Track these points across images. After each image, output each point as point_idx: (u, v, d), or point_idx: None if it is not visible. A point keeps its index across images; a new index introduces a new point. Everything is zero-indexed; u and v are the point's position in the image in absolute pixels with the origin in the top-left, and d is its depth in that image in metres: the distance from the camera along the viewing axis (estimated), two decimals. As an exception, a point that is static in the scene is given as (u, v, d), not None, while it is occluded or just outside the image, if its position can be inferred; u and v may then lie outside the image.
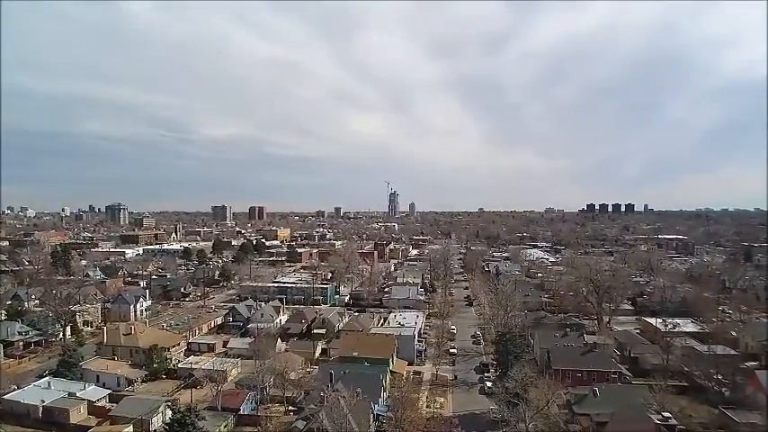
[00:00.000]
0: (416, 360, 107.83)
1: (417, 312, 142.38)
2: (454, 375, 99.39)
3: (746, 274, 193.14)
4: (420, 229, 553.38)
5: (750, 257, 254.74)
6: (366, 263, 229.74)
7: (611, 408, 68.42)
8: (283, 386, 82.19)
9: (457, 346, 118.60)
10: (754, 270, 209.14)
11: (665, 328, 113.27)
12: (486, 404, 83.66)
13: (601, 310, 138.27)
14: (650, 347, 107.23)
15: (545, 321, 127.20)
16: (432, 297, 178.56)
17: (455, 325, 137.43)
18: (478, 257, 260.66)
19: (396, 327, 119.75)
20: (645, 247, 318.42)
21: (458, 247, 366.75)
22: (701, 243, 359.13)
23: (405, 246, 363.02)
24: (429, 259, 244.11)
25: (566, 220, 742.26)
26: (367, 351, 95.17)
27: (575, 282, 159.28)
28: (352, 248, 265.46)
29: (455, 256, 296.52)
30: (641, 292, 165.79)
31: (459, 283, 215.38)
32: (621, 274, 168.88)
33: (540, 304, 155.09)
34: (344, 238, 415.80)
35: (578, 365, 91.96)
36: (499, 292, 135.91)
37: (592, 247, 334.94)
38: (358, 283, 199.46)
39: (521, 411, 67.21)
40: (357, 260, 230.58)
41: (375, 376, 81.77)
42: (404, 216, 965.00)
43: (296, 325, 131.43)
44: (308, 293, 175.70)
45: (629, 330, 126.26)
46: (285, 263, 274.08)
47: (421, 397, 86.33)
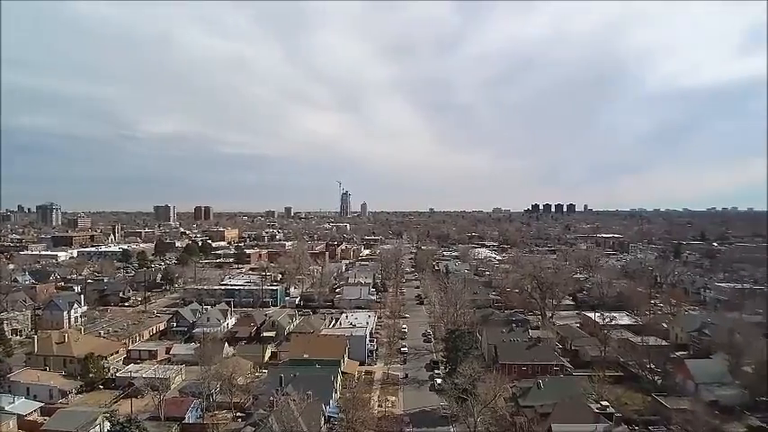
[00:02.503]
0: (368, 360, 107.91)
1: (369, 312, 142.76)
2: (405, 374, 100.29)
3: (676, 269, 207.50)
4: (372, 229, 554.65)
5: (679, 254, 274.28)
6: (317, 263, 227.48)
7: (553, 399, 71.27)
8: (231, 392, 79.80)
9: (408, 345, 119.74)
10: (683, 266, 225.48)
11: (603, 322, 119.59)
12: (436, 401, 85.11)
13: (544, 305, 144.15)
14: (589, 340, 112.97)
15: (492, 318, 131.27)
16: (383, 297, 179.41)
17: (406, 324, 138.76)
18: (429, 257, 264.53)
19: (347, 327, 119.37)
20: (585, 245, 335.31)
21: (409, 247, 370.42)
22: (635, 241, 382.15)
23: (356, 246, 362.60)
24: (381, 259, 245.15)
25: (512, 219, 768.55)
26: (318, 353, 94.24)
27: (520, 279, 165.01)
28: (302, 249, 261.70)
29: (406, 255, 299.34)
30: (581, 288, 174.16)
31: (411, 282, 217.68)
32: (563, 271, 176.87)
33: (488, 301, 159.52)
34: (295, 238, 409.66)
35: (524, 359, 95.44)
36: (449, 291, 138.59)
37: (536, 246, 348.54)
38: (309, 284, 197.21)
39: (469, 406, 68.94)
40: (308, 261, 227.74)
41: (326, 378, 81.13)
42: (355, 216, 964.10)
43: (244, 328, 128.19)
44: (257, 296, 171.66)
45: (570, 324, 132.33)
46: (233, 264, 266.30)
47: (372, 396, 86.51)
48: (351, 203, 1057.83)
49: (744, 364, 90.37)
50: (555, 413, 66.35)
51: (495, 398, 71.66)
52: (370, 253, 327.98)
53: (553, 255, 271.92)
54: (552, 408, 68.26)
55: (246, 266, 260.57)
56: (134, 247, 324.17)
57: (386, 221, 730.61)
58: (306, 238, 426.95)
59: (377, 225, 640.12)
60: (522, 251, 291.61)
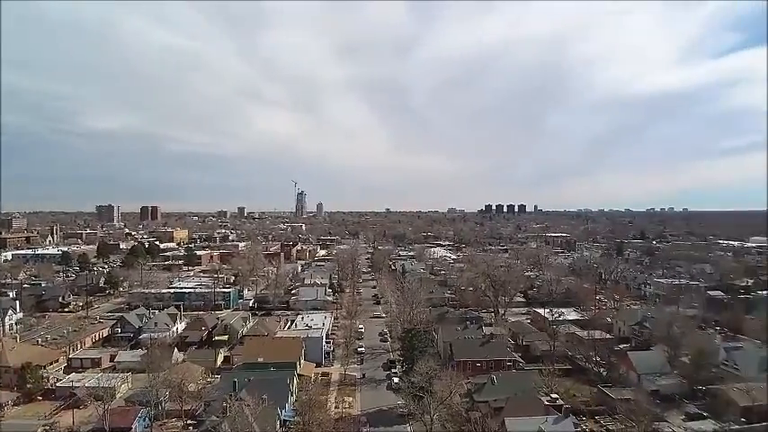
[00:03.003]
0: (325, 361, 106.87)
1: (325, 313, 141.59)
2: (362, 374, 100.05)
3: (618, 267, 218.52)
4: (328, 230, 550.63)
5: (621, 252, 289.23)
6: (272, 264, 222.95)
7: (506, 393, 73.27)
8: (181, 399, 76.71)
9: (365, 345, 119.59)
10: (625, 263, 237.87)
11: (552, 317, 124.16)
12: (393, 400, 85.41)
13: (497, 302, 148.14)
14: (540, 335, 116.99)
15: (448, 316, 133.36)
16: (340, 297, 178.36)
17: (363, 324, 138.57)
18: (386, 257, 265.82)
19: (303, 329, 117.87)
20: (535, 244, 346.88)
21: (366, 247, 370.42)
22: (581, 240, 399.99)
23: (312, 246, 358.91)
24: (337, 259, 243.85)
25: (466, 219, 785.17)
26: (273, 356, 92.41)
27: (474, 277, 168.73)
28: (256, 250, 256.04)
29: (363, 255, 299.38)
30: (532, 286, 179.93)
31: (367, 282, 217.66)
32: (515, 269, 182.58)
33: (444, 300, 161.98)
34: (249, 239, 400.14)
35: (478, 356, 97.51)
36: (405, 290, 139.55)
37: (489, 245, 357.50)
38: (263, 285, 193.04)
39: (426, 404, 69.68)
40: (262, 262, 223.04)
41: (281, 381, 79.60)
42: (311, 216, 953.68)
43: (195, 333, 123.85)
44: (208, 298, 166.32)
45: (521, 321, 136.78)
46: (183, 267, 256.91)
47: (329, 398, 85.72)
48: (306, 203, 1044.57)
49: (681, 355, 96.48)
50: (508, 407, 68.13)
51: (451, 394, 72.78)
52: (327, 253, 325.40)
53: (505, 253, 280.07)
54: (505, 402, 70.11)
55: (197, 268, 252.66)
56: (75, 249, 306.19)
57: (342, 221, 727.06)
58: (260, 238, 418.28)
59: (333, 225, 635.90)
60: (476, 250, 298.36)
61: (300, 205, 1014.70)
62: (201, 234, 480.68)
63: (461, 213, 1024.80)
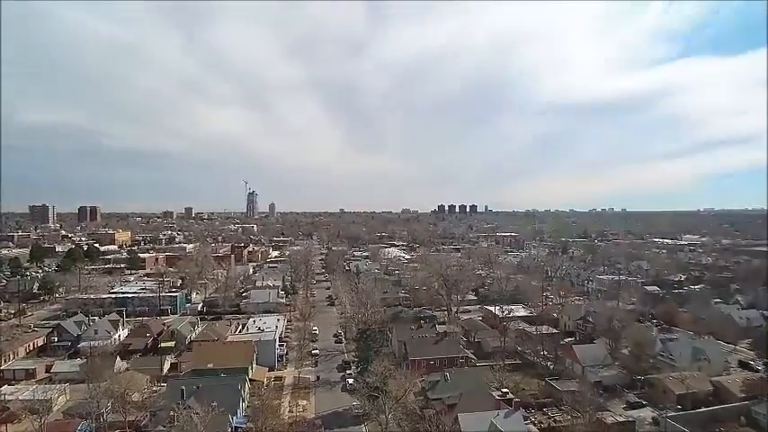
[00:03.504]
0: (278, 365, 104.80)
1: (278, 316, 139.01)
2: (317, 376, 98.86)
3: (563, 264, 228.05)
4: (280, 231, 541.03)
5: (566, 250, 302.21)
6: (222, 267, 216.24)
7: (459, 390, 74.55)
8: (124, 410, 72.74)
9: (319, 347, 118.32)
10: (569, 261, 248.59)
11: (502, 314, 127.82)
12: (348, 401, 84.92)
13: (450, 301, 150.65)
14: (491, 332, 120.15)
15: (402, 315, 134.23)
16: (293, 299, 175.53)
17: (317, 325, 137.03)
18: (340, 257, 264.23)
19: (255, 332, 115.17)
20: (485, 243, 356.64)
21: (319, 248, 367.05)
22: (529, 239, 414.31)
23: (264, 248, 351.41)
24: (290, 261, 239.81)
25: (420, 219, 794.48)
26: (223, 361, 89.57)
27: (428, 277, 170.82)
28: (205, 252, 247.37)
29: (317, 256, 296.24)
30: (483, 284, 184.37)
31: (321, 283, 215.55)
32: (467, 268, 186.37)
33: (398, 299, 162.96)
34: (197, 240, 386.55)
35: (432, 354, 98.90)
36: (360, 291, 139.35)
37: (442, 245, 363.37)
38: (213, 288, 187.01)
39: (381, 403, 69.77)
40: (212, 264, 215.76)
41: (233, 387, 77.24)
42: (263, 217, 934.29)
43: (139, 340, 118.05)
44: (153, 303, 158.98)
45: (473, 318, 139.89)
46: (125, 270, 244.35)
47: (283, 402, 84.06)
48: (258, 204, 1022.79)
49: (621, 347, 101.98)
50: (461, 403, 69.38)
51: (406, 393, 73.33)
52: (279, 255, 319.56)
53: (458, 253, 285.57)
54: (458, 398, 71.35)
55: (141, 272, 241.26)
56: (5, 252, 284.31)
57: (295, 222, 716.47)
58: (209, 240, 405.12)
59: (286, 226, 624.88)
60: (429, 250, 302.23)
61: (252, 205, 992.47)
62: (146, 236, 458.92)
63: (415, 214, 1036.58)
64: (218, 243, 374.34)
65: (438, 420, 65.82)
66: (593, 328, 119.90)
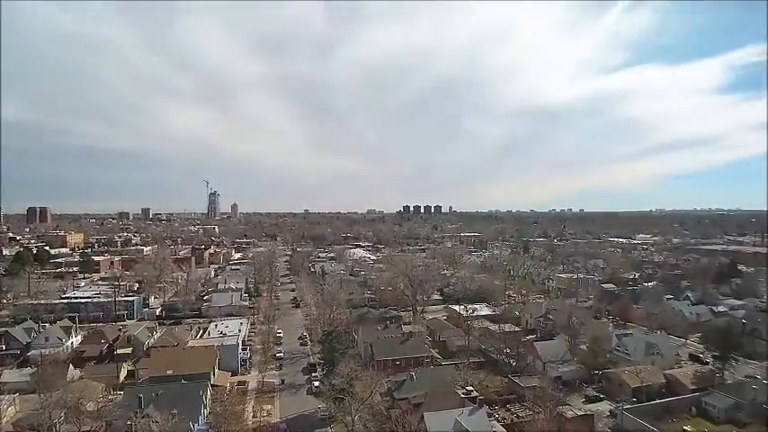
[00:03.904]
0: (241, 369, 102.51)
1: (241, 319, 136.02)
2: (281, 380, 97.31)
3: (525, 263, 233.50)
4: (243, 232, 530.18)
5: (528, 250, 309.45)
6: (182, 270, 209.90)
7: (425, 389, 75.06)
8: (78, 420, 69.39)
9: (284, 350, 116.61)
10: (531, 260, 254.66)
11: (467, 314, 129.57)
12: (314, 404, 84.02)
13: (415, 301, 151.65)
14: (455, 331, 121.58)
15: (368, 316, 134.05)
16: (257, 302, 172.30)
17: (282, 328, 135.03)
18: (304, 259, 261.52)
19: (217, 337, 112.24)
20: (450, 243, 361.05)
21: (284, 249, 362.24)
22: (492, 239, 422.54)
23: (227, 249, 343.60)
24: (253, 262, 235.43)
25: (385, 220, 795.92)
26: (184, 367, 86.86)
27: (393, 277, 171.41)
28: (164, 254, 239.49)
29: (281, 258, 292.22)
30: (448, 284, 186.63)
31: (286, 285, 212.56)
32: (432, 268, 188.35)
33: (364, 300, 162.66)
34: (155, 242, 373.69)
35: (397, 354, 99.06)
36: (325, 292, 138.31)
37: (407, 245, 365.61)
38: (172, 292, 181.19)
39: (347, 405, 69.38)
40: (171, 267, 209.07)
41: (194, 393, 74.99)
42: (225, 218, 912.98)
43: (94, 346, 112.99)
44: (108, 309, 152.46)
45: (438, 318, 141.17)
46: (78, 274, 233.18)
47: (247, 407, 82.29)
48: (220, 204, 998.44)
49: (580, 343, 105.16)
50: (426, 402, 69.79)
51: (372, 394, 73.14)
52: (242, 256, 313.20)
53: (423, 253, 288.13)
54: (424, 398, 71.76)
55: (95, 276, 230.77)
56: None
57: (259, 223, 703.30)
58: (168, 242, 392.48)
59: (249, 227, 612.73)
60: (394, 250, 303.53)
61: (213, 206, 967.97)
62: (100, 238, 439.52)
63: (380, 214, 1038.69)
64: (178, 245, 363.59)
65: (404, 420, 66.04)
66: (553, 326, 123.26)
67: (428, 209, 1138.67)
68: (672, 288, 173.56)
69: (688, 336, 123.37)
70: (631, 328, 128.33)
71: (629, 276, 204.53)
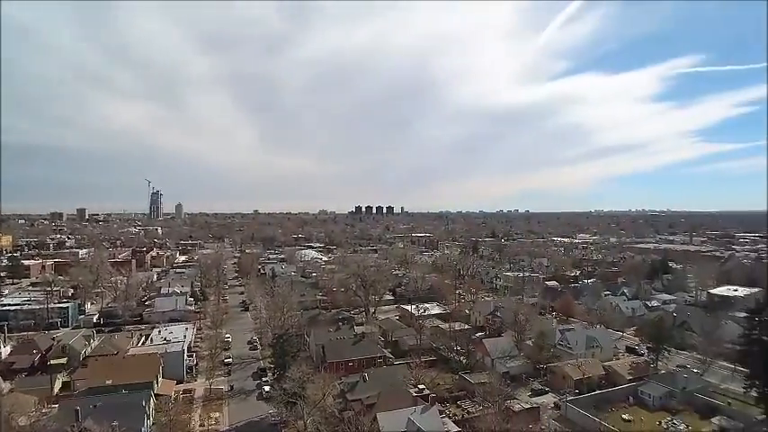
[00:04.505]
0: (187, 377, 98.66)
1: (186, 324, 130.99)
2: (230, 386, 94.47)
3: (474, 263, 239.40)
4: (188, 233, 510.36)
5: (476, 250, 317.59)
6: (121, 274, 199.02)
7: (378, 389, 75.27)
8: (6, 437, 64.13)
9: (233, 355, 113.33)
10: (480, 260, 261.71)
11: (418, 313, 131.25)
12: (265, 409, 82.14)
13: (368, 302, 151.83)
14: (408, 331, 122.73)
15: (320, 318, 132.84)
16: (203, 306, 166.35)
17: (230, 333, 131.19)
18: (254, 260, 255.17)
19: (160, 343, 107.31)
20: (402, 244, 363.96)
21: (232, 251, 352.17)
22: (442, 239, 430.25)
23: (170, 252, 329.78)
24: (199, 265, 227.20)
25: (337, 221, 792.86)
26: (124, 376, 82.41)
27: (346, 278, 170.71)
28: (101, 257, 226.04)
29: (229, 260, 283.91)
30: (400, 284, 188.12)
31: (235, 288, 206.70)
32: (384, 268, 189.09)
33: (316, 302, 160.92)
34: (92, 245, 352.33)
35: (350, 355, 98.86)
36: (276, 294, 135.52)
37: (360, 246, 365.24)
38: (111, 298, 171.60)
39: (299, 409, 68.32)
40: (109, 271, 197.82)
41: (135, 404, 71.24)
42: (169, 218, 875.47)
43: (24, 357, 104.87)
44: (40, 316, 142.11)
45: (391, 318, 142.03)
46: (5, 279, 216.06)
47: (193, 416, 79.24)
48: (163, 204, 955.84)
49: (526, 339, 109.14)
50: (379, 402, 70.02)
51: (324, 397, 72.35)
52: (188, 259, 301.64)
53: (375, 254, 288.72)
54: (377, 398, 71.96)
55: (25, 281, 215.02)
56: None
57: (205, 224, 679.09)
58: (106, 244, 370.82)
59: (195, 228, 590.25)
60: (346, 251, 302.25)
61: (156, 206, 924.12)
62: (30, 240, 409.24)
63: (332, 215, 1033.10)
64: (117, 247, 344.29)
65: (357, 421, 65.83)
66: (501, 323, 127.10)
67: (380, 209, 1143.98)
68: (610, 285, 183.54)
69: (625, 329, 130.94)
70: (573, 323, 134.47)
71: (571, 274, 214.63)
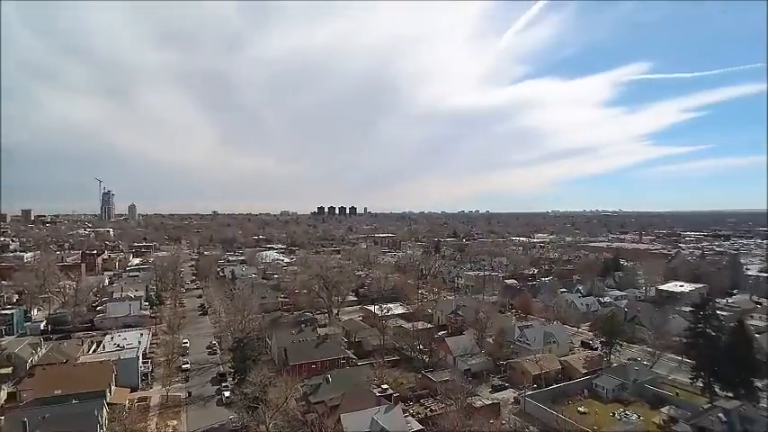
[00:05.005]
0: (142, 384, 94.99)
1: (141, 330, 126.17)
2: (188, 393, 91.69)
3: (436, 262, 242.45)
4: (143, 235, 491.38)
5: (438, 250, 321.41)
6: (70, 278, 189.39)
7: (341, 390, 75.00)
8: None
9: (191, 360, 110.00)
10: (442, 259, 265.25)
11: (381, 313, 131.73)
12: (225, 415, 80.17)
13: (331, 303, 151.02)
14: (371, 331, 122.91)
15: (282, 320, 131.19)
16: (159, 310, 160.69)
17: (188, 338, 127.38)
18: (213, 263, 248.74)
19: (113, 350, 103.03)
20: (365, 244, 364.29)
21: (189, 254, 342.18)
22: (405, 240, 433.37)
23: (123, 254, 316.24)
24: (155, 268, 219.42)
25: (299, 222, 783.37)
26: (75, 386, 78.45)
27: (308, 280, 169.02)
28: (49, 261, 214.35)
29: (186, 263, 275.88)
30: (363, 284, 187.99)
31: (193, 291, 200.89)
32: (347, 269, 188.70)
33: (277, 304, 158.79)
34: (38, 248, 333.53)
35: (313, 357, 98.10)
36: (236, 297, 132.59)
37: (322, 247, 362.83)
38: (59, 303, 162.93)
39: (260, 413, 67.17)
40: (57, 275, 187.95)
41: (87, 414, 67.91)
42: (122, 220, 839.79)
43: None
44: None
45: (354, 318, 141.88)
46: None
47: (149, 425, 76.49)
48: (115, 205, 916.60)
49: (487, 336, 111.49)
50: (343, 404, 69.81)
51: (287, 400, 71.55)
52: (142, 262, 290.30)
53: (338, 254, 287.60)
54: (341, 399, 71.71)
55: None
56: None
57: (161, 225, 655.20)
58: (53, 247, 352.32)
59: (149, 230, 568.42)
60: (309, 252, 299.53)
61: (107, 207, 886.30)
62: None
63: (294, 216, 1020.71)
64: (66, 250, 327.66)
65: (321, 423, 65.40)
66: (462, 321, 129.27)
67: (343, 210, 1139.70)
68: (565, 282, 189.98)
69: (580, 325, 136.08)
70: (531, 319, 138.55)
71: (529, 272, 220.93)
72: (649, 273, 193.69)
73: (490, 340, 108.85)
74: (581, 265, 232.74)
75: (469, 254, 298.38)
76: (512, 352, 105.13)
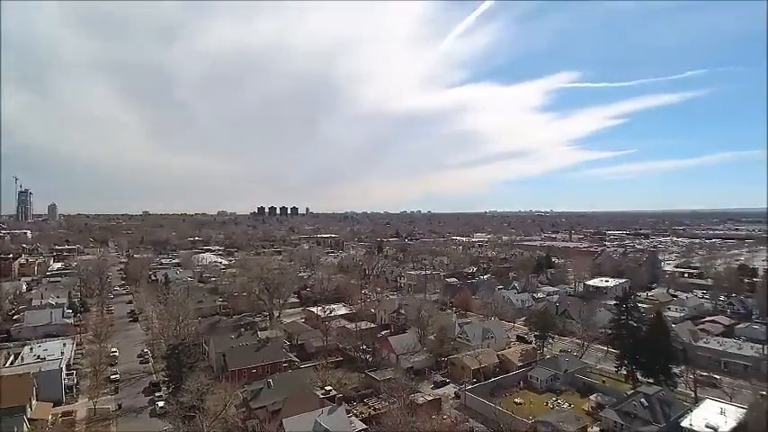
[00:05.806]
0: (66, 397, 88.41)
1: (65, 339, 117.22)
2: (118, 404, 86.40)
3: (379, 262, 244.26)
4: (65, 237, 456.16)
5: (381, 250, 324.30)
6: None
7: (283, 394, 73.74)
8: None
9: (120, 370, 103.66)
10: (384, 259, 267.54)
11: (324, 314, 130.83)
12: (159, 426, 76.32)
13: (272, 305, 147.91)
14: (313, 333, 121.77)
15: (220, 325, 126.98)
16: (84, 318, 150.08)
17: (117, 346, 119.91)
18: (144, 266, 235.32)
19: (33, 362, 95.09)
20: (307, 245, 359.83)
21: (117, 257, 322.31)
22: (348, 240, 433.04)
23: (43, 258, 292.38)
24: (79, 273, 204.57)
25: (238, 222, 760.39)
26: (-13, 402, 71.62)
27: (248, 282, 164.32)
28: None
29: (114, 266, 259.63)
30: (305, 286, 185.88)
31: (122, 297, 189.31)
32: (289, 271, 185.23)
33: (215, 308, 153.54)
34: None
35: (254, 362, 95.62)
36: (170, 302, 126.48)
37: (263, 248, 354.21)
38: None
39: (198, 422, 64.75)
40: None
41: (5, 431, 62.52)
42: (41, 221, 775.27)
43: None
44: None
45: (296, 321, 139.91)
46: None
47: (73, 440, 71.30)
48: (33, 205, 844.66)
49: (429, 334, 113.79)
50: (285, 408, 68.73)
51: (226, 407, 69.42)
52: (64, 266, 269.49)
53: (279, 255, 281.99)
54: (282, 403, 70.53)
55: None
56: None
57: (85, 227, 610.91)
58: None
59: (72, 231, 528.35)
60: (249, 254, 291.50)
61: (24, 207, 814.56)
62: None
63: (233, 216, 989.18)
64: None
65: (262, 429, 64.13)
66: (405, 320, 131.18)
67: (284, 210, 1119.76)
68: (502, 279, 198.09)
69: (516, 320, 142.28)
70: (471, 316, 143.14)
71: (469, 271, 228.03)
72: (578, 269, 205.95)
73: (432, 338, 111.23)
74: (517, 263, 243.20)
75: (412, 253, 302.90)
76: (452, 348, 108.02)
